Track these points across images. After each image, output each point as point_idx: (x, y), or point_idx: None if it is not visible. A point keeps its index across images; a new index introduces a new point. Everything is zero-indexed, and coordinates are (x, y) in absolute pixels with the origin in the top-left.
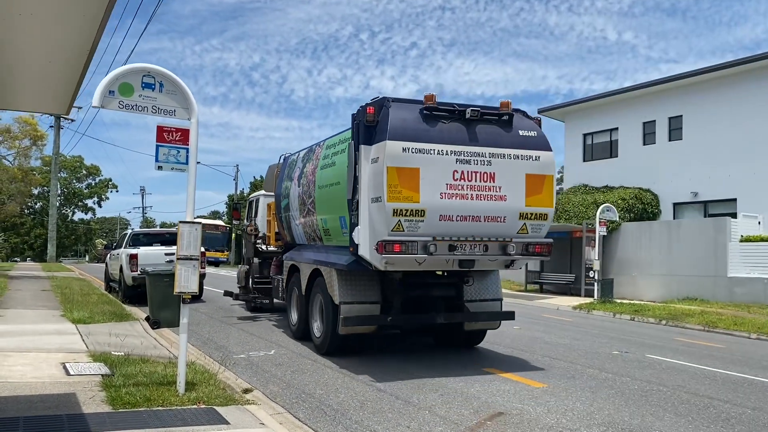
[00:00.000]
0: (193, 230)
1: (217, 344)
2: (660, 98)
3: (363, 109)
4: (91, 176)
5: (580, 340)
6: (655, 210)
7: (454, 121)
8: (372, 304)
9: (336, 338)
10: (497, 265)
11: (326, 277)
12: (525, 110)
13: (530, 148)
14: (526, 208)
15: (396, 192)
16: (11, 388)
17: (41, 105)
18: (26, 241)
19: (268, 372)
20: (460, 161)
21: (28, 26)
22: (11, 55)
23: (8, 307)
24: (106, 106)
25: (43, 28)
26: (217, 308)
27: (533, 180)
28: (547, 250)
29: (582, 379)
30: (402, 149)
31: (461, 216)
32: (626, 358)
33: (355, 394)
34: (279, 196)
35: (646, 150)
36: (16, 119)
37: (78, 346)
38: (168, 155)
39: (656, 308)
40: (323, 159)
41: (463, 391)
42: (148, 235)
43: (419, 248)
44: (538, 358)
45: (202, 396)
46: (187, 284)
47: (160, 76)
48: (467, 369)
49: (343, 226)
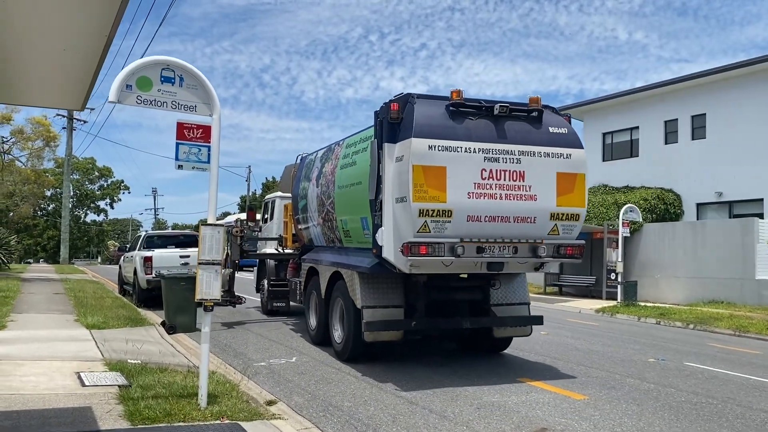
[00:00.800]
0: (215, 233)
1: (235, 351)
2: (682, 96)
3: (387, 105)
4: (104, 178)
5: (611, 346)
6: (677, 210)
7: (482, 117)
8: (395, 308)
9: (358, 344)
10: (526, 268)
11: (347, 280)
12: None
13: (561, 146)
14: (558, 208)
15: (422, 191)
16: (24, 401)
17: (55, 100)
18: (39, 242)
19: (291, 381)
20: (489, 159)
21: (42, 10)
22: (24, 44)
23: (21, 312)
24: (123, 101)
25: (57, 12)
26: (233, 312)
27: (564, 179)
28: (579, 252)
29: (623, 390)
30: (428, 147)
31: (490, 216)
32: (664, 366)
33: (385, 406)
34: (296, 196)
35: (668, 149)
36: (29, 120)
37: (93, 353)
38: (189, 154)
39: (682, 311)
40: (343, 158)
41: (501, 404)
42: (162, 237)
43: (446, 250)
44: (573, 366)
45: (225, 410)
46: (209, 291)
47: (180, 70)
48: (501, 378)
49: (365, 227)
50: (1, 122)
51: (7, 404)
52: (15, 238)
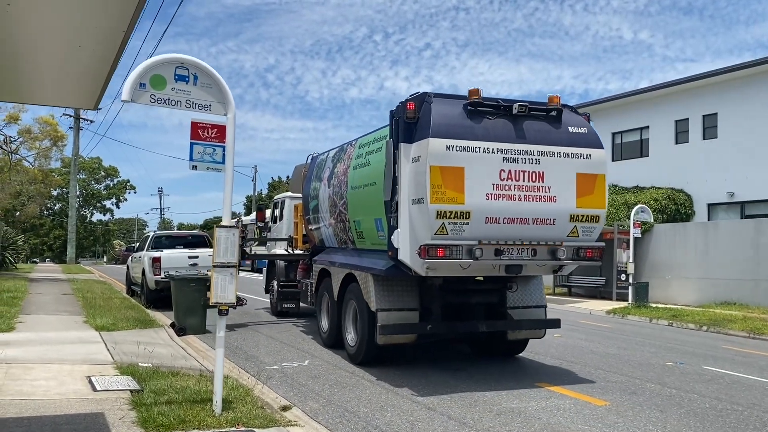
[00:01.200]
0: (230, 235)
1: (247, 354)
2: (693, 95)
3: (403, 105)
4: (110, 177)
5: (626, 349)
6: (688, 211)
7: (500, 117)
8: (410, 311)
9: (372, 347)
10: (545, 271)
11: (361, 283)
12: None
13: (581, 146)
14: (577, 210)
15: (439, 193)
16: (35, 407)
17: (69, 99)
18: (46, 242)
19: (305, 386)
20: (507, 160)
21: (58, 9)
22: (39, 43)
23: (29, 313)
24: (137, 100)
25: (74, 11)
26: (243, 313)
27: (584, 179)
28: (599, 254)
29: (645, 396)
30: (446, 147)
31: (508, 218)
32: (683, 370)
33: (402, 412)
34: (307, 197)
35: (679, 149)
36: (37, 119)
37: (103, 356)
38: (203, 154)
39: (695, 313)
40: (356, 158)
41: (521, 410)
42: (170, 238)
43: (464, 253)
44: (591, 370)
45: (240, 416)
46: (224, 294)
47: (194, 68)
48: (519, 383)
49: (379, 229)
50: (9, 122)
51: (18, 410)
52: (22, 238)
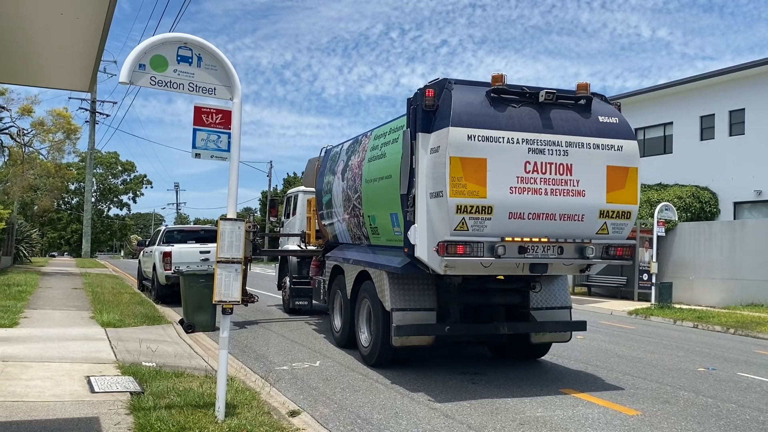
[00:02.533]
0: (235, 229)
1: (256, 353)
2: (719, 91)
3: (421, 91)
4: (126, 172)
5: (654, 353)
6: (713, 209)
7: (526, 105)
8: (427, 311)
9: (387, 349)
10: (572, 270)
11: (375, 281)
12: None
13: (612, 137)
14: (607, 205)
15: (460, 186)
16: (26, 410)
17: (60, 80)
18: (63, 236)
19: (315, 389)
20: (533, 151)
21: None
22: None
23: (36, 308)
24: (136, 82)
25: None
26: (254, 310)
27: (615, 173)
28: (629, 253)
29: (679, 405)
30: (467, 137)
31: (533, 214)
32: (717, 376)
33: (419, 420)
34: (320, 191)
35: (704, 145)
36: (50, 111)
37: (105, 354)
38: (207, 141)
39: (721, 315)
40: (371, 150)
41: (546, 420)
42: (182, 232)
43: (485, 250)
44: (618, 376)
45: (244, 423)
46: (228, 292)
47: (198, 48)
48: (542, 389)
49: (395, 224)
50: (22, 114)
51: (8, 413)
52: (37, 232)
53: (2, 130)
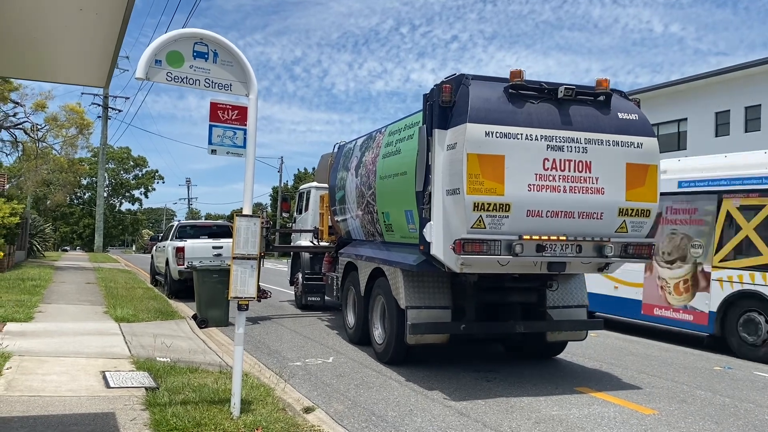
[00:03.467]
0: (251, 225)
1: (269, 348)
2: (735, 86)
3: (438, 87)
4: (138, 167)
5: (667, 350)
6: None
7: (544, 101)
8: (442, 309)
9: (401, 346)
10: (589, 269)
11: (390, 278)
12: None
13: (631, 134)
14: (627, 203)
15: (477, 183)
16: (43, 405)
17: (77, 76)
18: (75, 230)
19: (329, 385)
20: (552, 148)
21: None
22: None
23: (50, 302)
24: (152, 78)
25: None
26: (267, 305)
27: (635, 170)
28: (648, 252)
29: (696, 405)
30: (485, 133)
31: (552, 211)
32: (733, 375)
33: (433, 417)
34: (333, 187)
35: (719, 142)
36: (63, 107)
37: (120, 349)
38: (223, 137)
39: None
40: (386, 146)
41: (561, 418)
42: (195, 227)
43: (503, 248)
44: (633, 374)
45: (260, 420)
46: (244, 288)
47: (214, 44)
48: (557, 387)
49: (409, 221)
50: (36, 110)
51: (25, 408)
52: (50, 226)
53: (16, 125)
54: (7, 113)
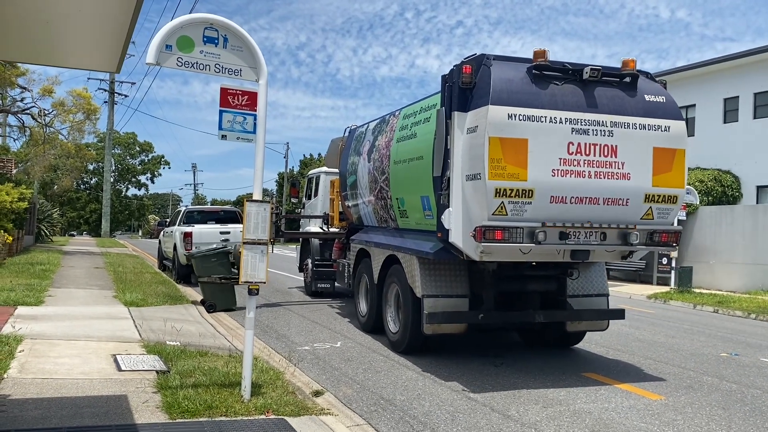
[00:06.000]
0: (261, 210)
1: (278, 333)
2: (744, 72)
3: (458, 68)
4: (144, 153)
5: (674, 337)
6: (735, 193)
7: (569, 82)
8: (459, 298)
9: (417, 336)
10: (613, 257)
11: (405, 266)
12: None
13: (659, 117)
14: (653, 189)
15: (499, 168)
16: (56, 387)
17: (90, 60)
18: (82, 215)
19: (337, 369)
20: (577, 131)
21: None
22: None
23: (60, 286)
24: (163, 63)
25: None
26: (274, 291)
27: (662, 155)
28: (675, 239)
29: (703, 391)
30: (507, 116)
31: (576, 198)
32: (740, 362)
33: (441, 402)
34: (344, 172)
35: (727, 128)
36: (70, 92)
37: (130, 333)
38: (233, 122)
39: (742, 300)
40: (400, 130)
41: (569, 404)
42: (202, 213)
43: (525, 236)
44: (640, 360)
45: (270, 403)
46: (254, 272)
47: (224, 29)
48: (565, 374)
49: (426, 207)
50: (43, 95)
51: (39, 390)
52: (57, 211)
53: (24, 111)
54: (15, 98)
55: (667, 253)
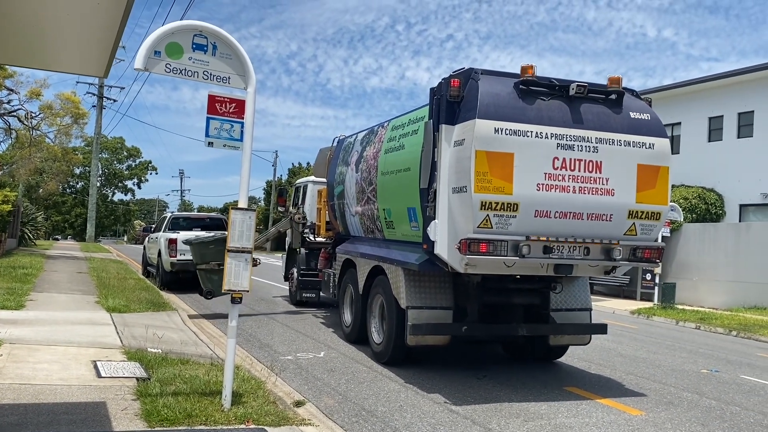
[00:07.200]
0: (246, 218)
1: (261, 342)
2: (729, 92)
3: (446, 81)
4: (132, 158)
5: (656, 353)
6: (719, 211)
7: (555, 98)
8: (444, 310)
9: (401, 347)
10: (596, 272)
11: (390, 277)
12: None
13: (643, 134)
14: (637, 205)
15: (485, 181)
16: (34, 393)
17: (77, 65)
18: (67, 219)
19: (319, 380)
20: (562, 146)
21: None
22: None
23: (42, 291)
24: (151, 68)
25: None
26: (259, 299)
27: (646, 171)
28: (658, 255)
29: (683, 407)
30: (494, 130)
31: (560, 212)
32: (720, 378)
33: (423, 414)
34: (332, 182)
35: (712, 147)
36: (58, 95)
37: (112, 339)
38: (220, 130)
39: (724, 317)
40: (388, 141)
41: (550, 418)
42: (188, 219)
43: (509, 249)
44: (622, 375)
45: (250, 412)
46: (238, 281)
47: (213, 37)
48: (547, 388)
49: (412, 219)
50: (31, 97)
51: (15, 395)
52: (42, 215)
53: (10, 113)
54: (2, 100)
55: (651, 269)
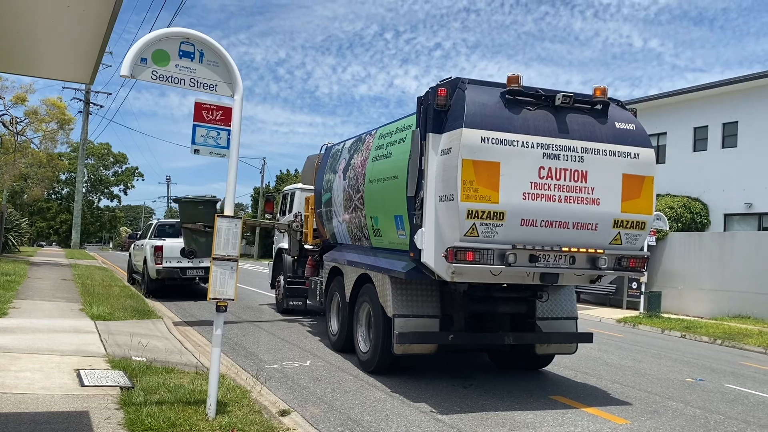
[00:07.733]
0: (232, 226)
1: (246, 350)
2: (714, 103)
3: (433, 90)
4: (118, 164)
5: (642, 362)
6: (704, 221)
7: (541, 108)
8: (430, 318)
9: (387, 356)
10: (582, 281)
11: (377, 285)
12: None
13: (628, 144)
14: (622, 215)
15: (471, 190)
16: (15, 402)
17: (63, 71)
18: (52, 225)
19: (305, 389)
20: (548, 156)
21: None
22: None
23: (25, 298)
24: (137, 75)
25: None
26: (245, 307)
27: (631, 181)
28: (643, 264)
29: (668, 416)
30: (480, 139)
31: (546, 221)
32: (705, 387)
33: (409, 423)
34: (320, 189)
35: (697, 157)
36: (44, 101)
37: (95, 348)
38: (206, 137)
39: (708, 326)
40: (376, 149)
41: (536, 426)
42: (174, 226)
43: (495, 258)
44: (607, 384)
45: (235, 422)
46: (223, 290)
47: (200, 44)
48: (532, 396)
49: (399, 227)
50: (16, 103)
51: None
52: (26, 221)
53: None
54: None
55: (637, 277)
